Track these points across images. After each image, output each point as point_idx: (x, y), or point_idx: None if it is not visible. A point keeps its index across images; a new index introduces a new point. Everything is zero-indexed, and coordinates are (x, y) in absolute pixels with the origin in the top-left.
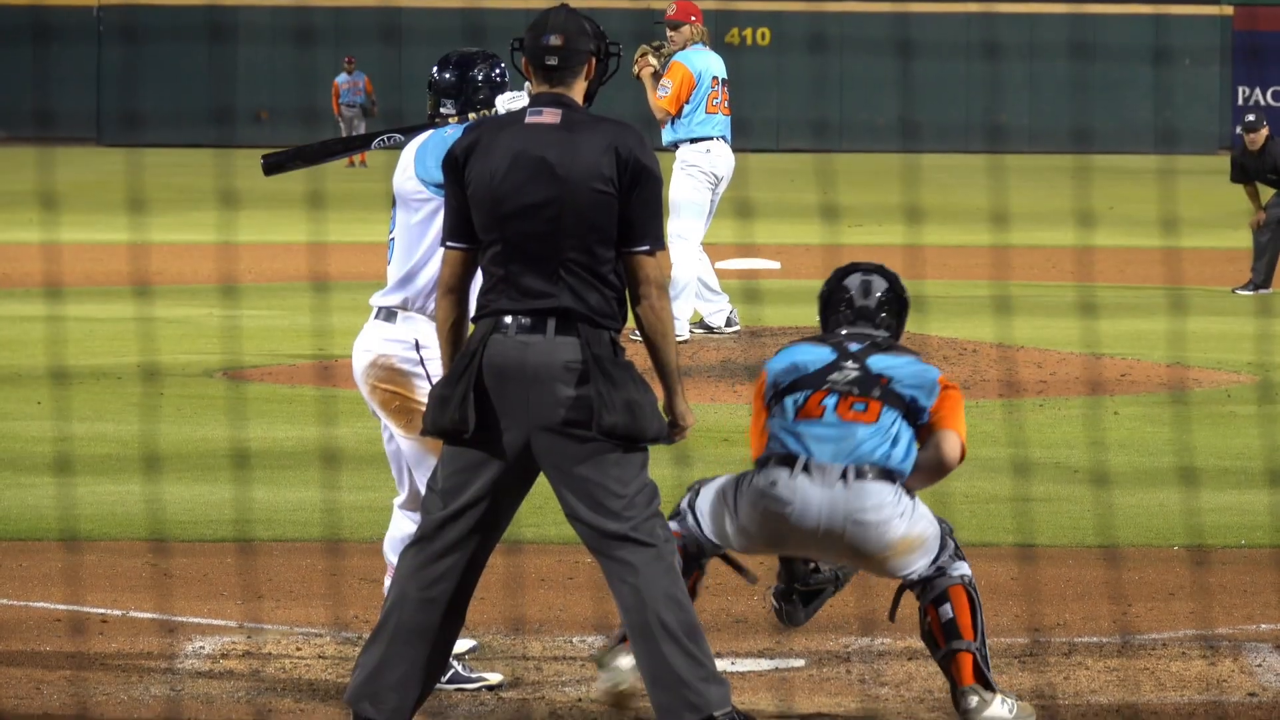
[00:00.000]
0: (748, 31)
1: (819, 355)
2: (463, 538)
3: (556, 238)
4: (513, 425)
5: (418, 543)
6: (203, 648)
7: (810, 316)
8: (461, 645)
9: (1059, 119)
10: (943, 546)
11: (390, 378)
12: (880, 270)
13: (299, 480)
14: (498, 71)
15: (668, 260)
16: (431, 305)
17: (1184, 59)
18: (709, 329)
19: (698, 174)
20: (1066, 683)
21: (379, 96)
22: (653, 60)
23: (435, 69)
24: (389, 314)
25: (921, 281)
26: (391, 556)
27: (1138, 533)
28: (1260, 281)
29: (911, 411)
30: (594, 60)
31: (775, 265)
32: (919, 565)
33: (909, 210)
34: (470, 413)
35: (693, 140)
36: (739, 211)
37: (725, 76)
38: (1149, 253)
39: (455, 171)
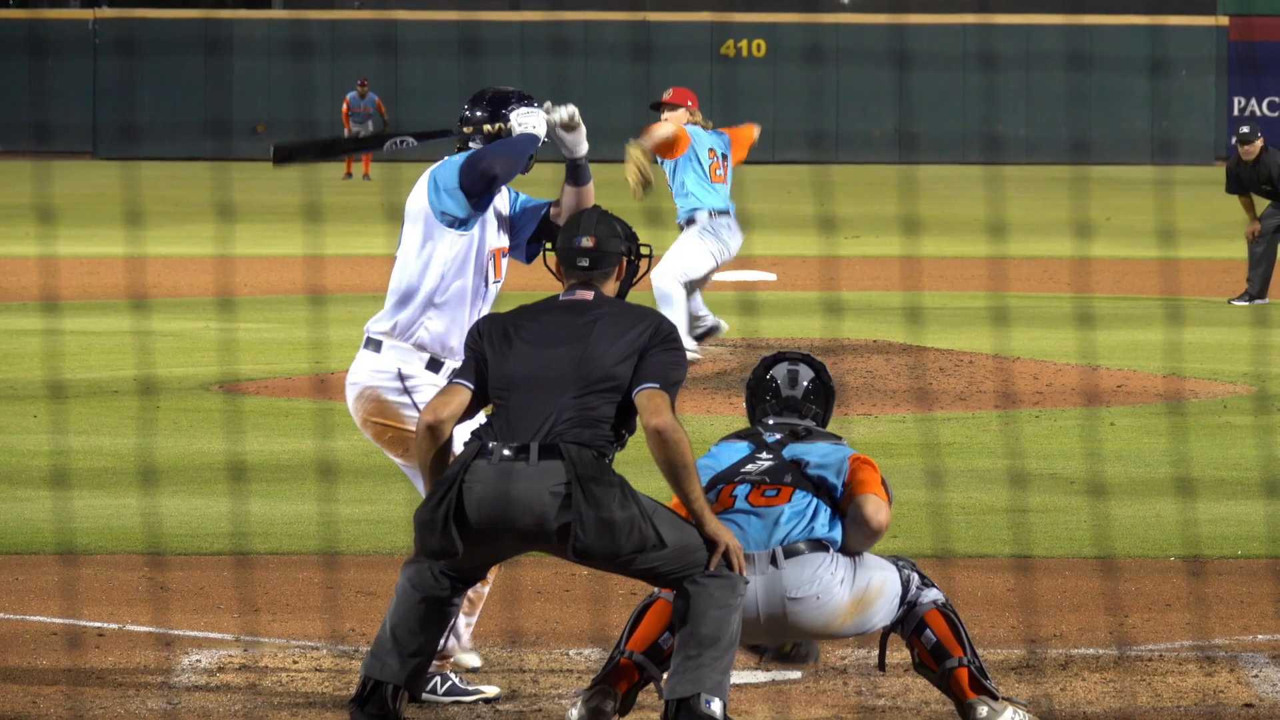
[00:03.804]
0: (744, 43)
1: (736, 451)
2: (465, 573)
3: (566, 393)
4: (505, 538)
5: (417, 561)
6: (199, 661)
7: (805, 328)
8: (471, 659)
9: (1056, 130)
10: (906, 585)
11: (379, 410)
12: (806, 359)
13: (296, 493)
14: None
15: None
16: (417, 333)
17: (1180, 70)
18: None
19: (713, 241)
20: (1063, 694)
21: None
22: (640, 158)
23: (468, 105)
24: (376, 344)
25: (918, 293)
26: None
27: (1134, 544)
28: (1256, 292)
29: (823, 489)
30: (625, 261)
31: (771, 277)
32: (887, 613)
33: (906, 221)
34: (454, 539)
35: (715, 211)
36: (737, 222)
37: (726, 153)
38: (1145, 263)
39: (475, 342)
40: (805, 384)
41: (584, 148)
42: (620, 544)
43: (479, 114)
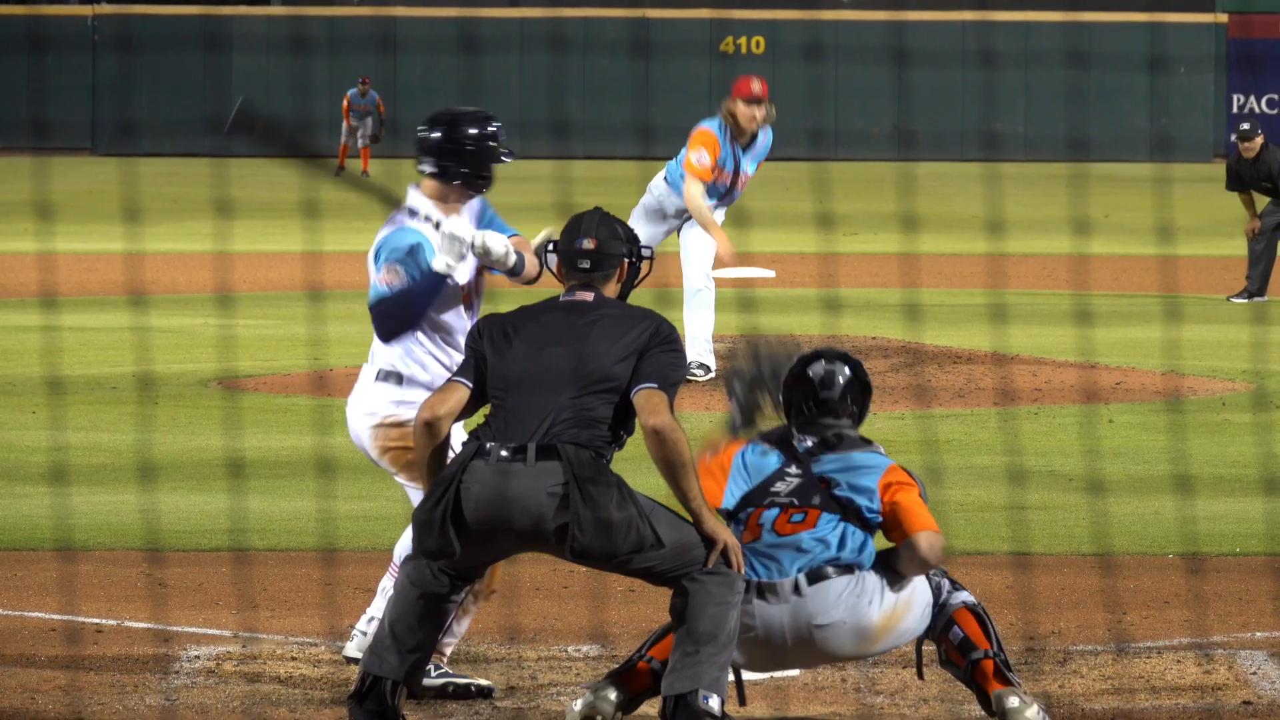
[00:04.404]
0: (743, 40)
1: (767, 464)
2: (464, 574)
3: (565, 392)
4: (502, 538)
5: (415, 558)
6: (198, 657)
7: (803, 325)
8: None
9: (1054, 127)
10: (937, 592)
11: (403, 436)
12: (844, 357)
13: (294, 490)
14: (491, 129)
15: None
16: (423, 365)
17: (1179, 67)
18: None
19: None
20: (1062, 691)
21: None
22: None
23: (440, 129)
24: (397, 377)
25: (917, 290)
26: (400, 553)
27: (1133, 541)
28: (1255, 289)
29: (850, 511)
30: (626, 263)
31: (770, 274)
32: (920, 623)
33: (904, 218)
34: (452, 540)
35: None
36: (734, 220)
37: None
38: (1144, 261)
39: (475, 341)
40: (841, 383)
41: (510, 262)
42: (618, 544)
43: (435, 135)
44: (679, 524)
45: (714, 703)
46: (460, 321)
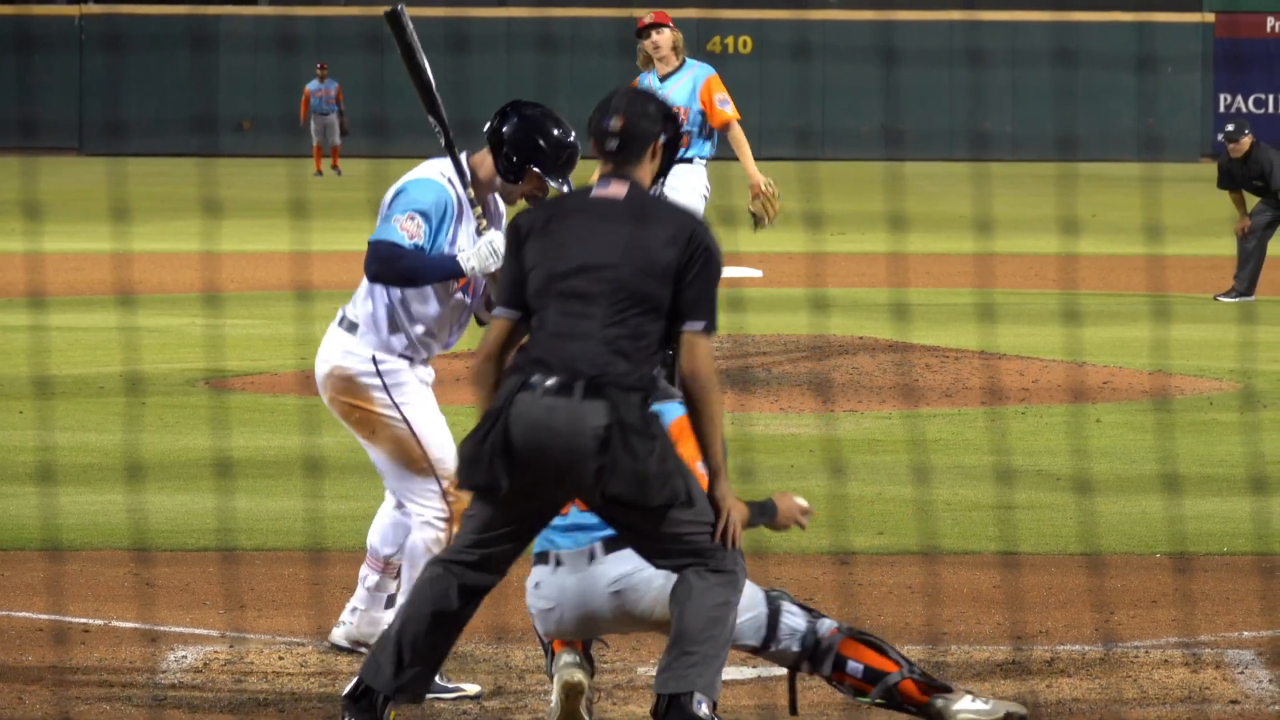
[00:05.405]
0: (730, 39)
1: None
2: (491, 555)
3: (605, 311)
4: (545, 480)
5: (443, 563)
6: (185, 657)
7: (791, 324)
8: (471, 689)
9: (1042, 126)
10: (774, 610)
11: (348, 389)
12: None
13: (282, 489)
14: (549, 130)
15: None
16: (390, 327)
17: (1166, 66)
18: None
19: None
20: (1049, 690)
21: (362, 105)
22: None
23: (515, 128)
24: (352, 326)
25: (905, 289)
26: (375, 541)
27: (1120, 540)
28: (1244, 289)
29: None
30: (660, 142)
31: (757, 274)
32: (748, 629)
33: (892, 218)
34: (501, 474)
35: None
36: (721, 219)
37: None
38: (1132, 260)
39: (516, 242)
40: None
41: None
42: (651, 495)
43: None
44: (703, 494)
45: (704, 709)
46: (444, 307)
